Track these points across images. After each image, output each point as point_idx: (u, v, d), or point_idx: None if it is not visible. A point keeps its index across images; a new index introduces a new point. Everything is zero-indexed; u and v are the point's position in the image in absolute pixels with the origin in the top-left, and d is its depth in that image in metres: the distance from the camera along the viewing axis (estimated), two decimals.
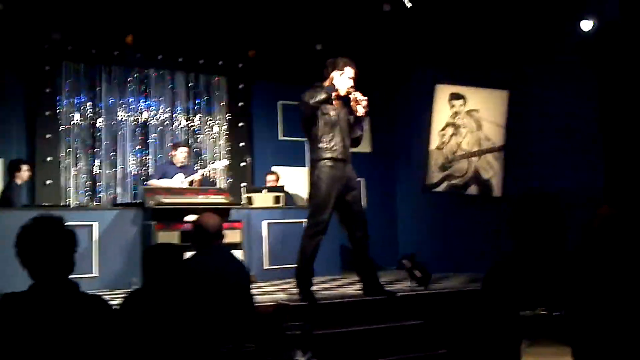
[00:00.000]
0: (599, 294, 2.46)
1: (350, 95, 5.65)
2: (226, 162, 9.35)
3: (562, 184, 7.28)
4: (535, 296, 2.38)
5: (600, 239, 2.81)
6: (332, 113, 5.63)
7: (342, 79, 5.65)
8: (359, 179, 6.01)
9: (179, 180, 8.05)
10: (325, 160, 5.56)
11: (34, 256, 2.47)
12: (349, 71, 5.67)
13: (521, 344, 1.01)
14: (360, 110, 5.66)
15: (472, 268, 7.80)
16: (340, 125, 5.65)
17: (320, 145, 5.59)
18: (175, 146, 8.52)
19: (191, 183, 8.11)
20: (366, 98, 5.62)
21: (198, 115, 10.01)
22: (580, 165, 7.45)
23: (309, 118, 5.62)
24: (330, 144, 5.58)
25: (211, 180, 9.65)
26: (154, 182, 8.09)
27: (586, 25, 7.56)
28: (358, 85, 5.71)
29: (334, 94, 5.60)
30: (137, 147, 9.54)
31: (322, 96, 5.51)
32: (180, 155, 8.31)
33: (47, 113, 8.87)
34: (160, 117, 9.71)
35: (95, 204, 9.02)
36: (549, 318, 1.03)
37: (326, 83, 5.70)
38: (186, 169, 8.30)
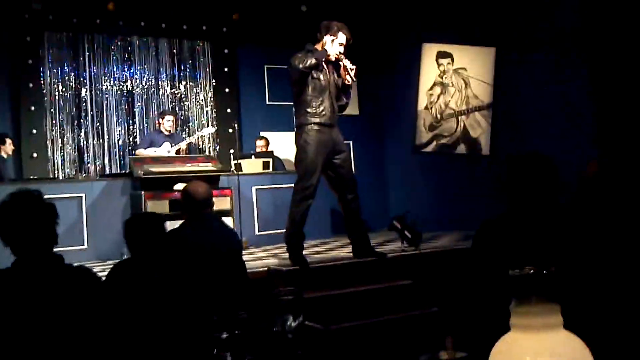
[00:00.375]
0: (590, 250, 2.46)
1: (339, 62, 5.59)
2: (213, 129, 9.31)
3: (551, 141, 7.25)
4: (525, 254, 2.38)
5: (590, 195, 2.81)
6: (322, 78, 5.57)
7: (334, 44, 5.57)
8: (346, 142, 5.98)
9: (166, 149, 8.01)
10: (313, 125, 5.52)
11: (14, 232, 2.45)
12: (342, 37, 5.60)
13: (510, 303, 1.01)
14: (349, 79, 5.61)
15: (462, 226, 7.82)
16: (329, 90, 5.61)
17: (309, 109, 5.54)
18: (162, 115, 8.49)
19: (178, 151, 8.08)
20: (355, 67, 5.57)
21: (183, 82, 9.90)
22: (571, 123, 7.39)
23: (298, 82, 5.57)
24: (319, 109, 5.54)
25: (199, 147, 9.61)
26: (141, 152, 8.05)
27: None
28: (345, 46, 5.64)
29: (324, 59, 5.54)
30: (123, 117, 9.45)
31: (312, 61, 5.44)
32: (167, 124, 8.28)
33: (30, 85, 8.74)
34: (145, 85, 9.61)
35: (83, 175, 8.96)
36: (538, 276, 1.02)
37: (318, 46, 5.63)
38: (173, 137, 8.27)
